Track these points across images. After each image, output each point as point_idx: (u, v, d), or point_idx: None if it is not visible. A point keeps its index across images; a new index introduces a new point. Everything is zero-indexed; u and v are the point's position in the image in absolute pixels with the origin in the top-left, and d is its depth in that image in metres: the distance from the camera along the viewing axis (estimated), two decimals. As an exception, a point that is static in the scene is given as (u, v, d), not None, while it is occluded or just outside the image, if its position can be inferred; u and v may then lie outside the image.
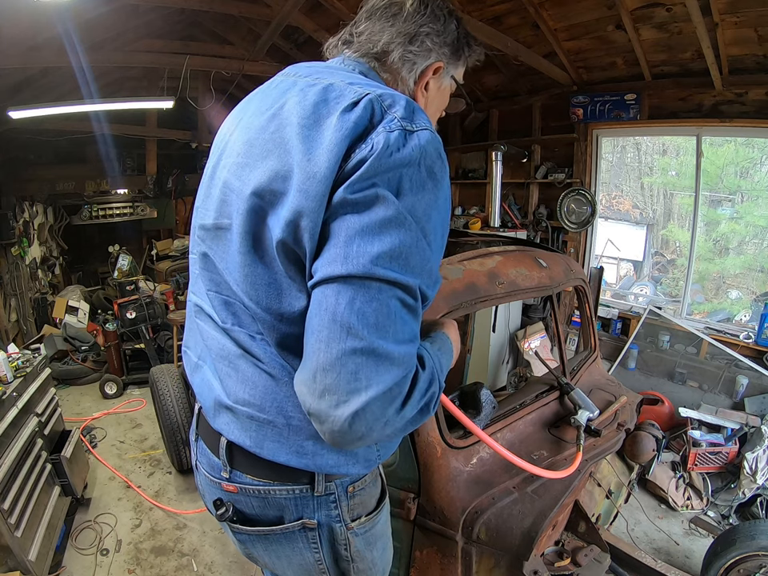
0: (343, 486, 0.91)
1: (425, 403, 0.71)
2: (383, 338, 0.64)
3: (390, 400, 0.65)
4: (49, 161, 6.23)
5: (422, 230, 0.68)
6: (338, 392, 0.63)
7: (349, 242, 0.65)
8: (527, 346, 4.03)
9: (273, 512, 0.91)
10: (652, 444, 2.14)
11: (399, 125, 0.67)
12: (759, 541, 1.92)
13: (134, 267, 6.25)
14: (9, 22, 3.11)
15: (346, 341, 0.63)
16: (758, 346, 3.37)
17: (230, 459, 0.90)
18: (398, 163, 0.66)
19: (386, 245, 0.64)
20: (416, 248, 0.67)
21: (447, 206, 0.73)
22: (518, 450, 1.45)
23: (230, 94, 5.46)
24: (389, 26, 0.84)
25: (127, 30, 4.35)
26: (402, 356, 0.65)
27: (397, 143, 0.66)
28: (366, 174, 0.65)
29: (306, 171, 0.68)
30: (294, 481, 0.88)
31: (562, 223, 4.48)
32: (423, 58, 0.86)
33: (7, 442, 2.09)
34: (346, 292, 0.64)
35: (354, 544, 0.95)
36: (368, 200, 0.65)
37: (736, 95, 3.36)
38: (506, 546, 1.26)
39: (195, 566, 2.41)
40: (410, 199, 0.67)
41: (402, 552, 1.39)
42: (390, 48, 0.84)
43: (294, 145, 0.70)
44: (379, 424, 0.65)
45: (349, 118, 0.68)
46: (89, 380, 4.68)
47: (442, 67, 0.88)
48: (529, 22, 3.62)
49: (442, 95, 0.94)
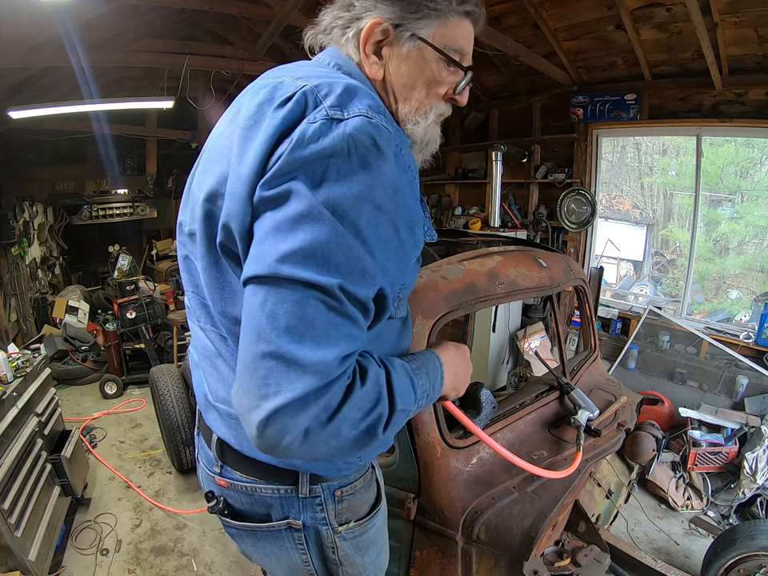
0: (330, 489, 0.90)
1: (369, 425, 0.65)
2: (295, 342, 0.59)
3: (303, 410, 0.59)
4: (49, 161, 6.24)
5: (351, 224, 0.61)
6: (251, 396, 0.61)
7: (262, 241, 0.62)
8: (527, 346, 4.03)
9: (260, 509, 0.91)
10: (652, 444, 2.13)
11: (325, 114, 0.63)
12: (759, 541, 1.92)
13: (134, 267, 6.25)
14: (9, 22, 3.10)
15: (257, 344, 0.61)
16: (757, 345, 3.37)
17: (221, 455, 0.91)
18: (319, 155, 0.61)
19: (298, 242, 0.60)
20: (337, 245, 0.61)
21: (393, 199, 0.65)
22: (518, 450, 1.45)
23: (230, 94, 5.46)
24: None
25: (127, 29, 4.35)
26: (317, 363, 0.60)
27: (316, 134, 0.61)
28: (282, 170, 0.62)
29: (235, 173, 0.66)
30: (279, 481, 0.88)
31: (562, 223, 4.48)
32: (357, 17, 0.77)
33: (7, 442, 2.09)
34: (258, 293, 0.62)
35: (342, 548, 0.94)
36: (281, 196, 0.61)
37: (736, 95, 3.36)
38: (506, 546, 1.26)
39: (195, 566, 2.41)
40: (332, 192, 0.61)
41: (402, 552, 1.39)
42: (332, 26, 0.80)
43: (234, 147, 0.68)
44: (294, 435, 0.60)
45: (278, 114, 0.65)
46: (89, 380, 4.68)
47: (382, 23, 0.75)
48: (529, 22, 3.62)
49: (416, 64, 0.78)
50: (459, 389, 0.97)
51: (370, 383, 0.66)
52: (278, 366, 0.59)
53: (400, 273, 0.72)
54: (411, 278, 0.82)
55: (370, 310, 0.67)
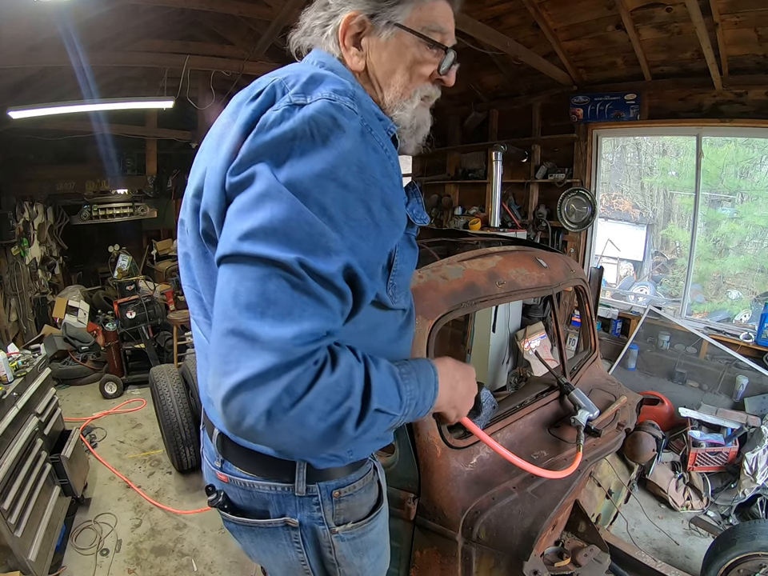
0: (328, 489, 0.90)
1: (339, 419, 0.63)
2: (256, 319, 0.59)
3: (262, 389, 0.58)
4: (49, 161, 6.24)
5: (315, 202, 0.62)
6: (215, 374, 0.62)
7: (228, 223, 0.64)
8: (527, 346, 4.03)
9: (258, 506, 0.92)
10: (652, 444, 2.13)
11: (288, 101, 0.66)
12: (759, 541, 1.92)
13: (134, 267, 6.25)
14: (9, 22, 3.11)
15: (222, 322, 0.62)
16: (758, 345, 3.37)
17: (222, 449, 0.92)
18: (281, 138, 0.63)
19: (258, 220, 0.61)
20: (297, 221, 0.61)
21: (360, 177, 0.65)
22: (518, 450, 1.45)
23: (230, 94, 5.45)
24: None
25: (127, 29, 4.35)
26: (275, 340, 0.59)
27: (278, 119, 0.64)
28: (247, 156, 0.64)
29: (212, 166, 0.70)
30: (276, 478, 0.88)
31: (562, 223, 4.48)
32: (333, 14, 0.79)
33: (7, 442, 2.09)
34: (224, 273, 0.64)
35: (340, 548, 0.94)
36: (247, 179, 0.64)
37: (736, 95, 3.36)
38: (506, 546, 1.26)
39: (195, 566, 2.41)
40: (293, 171, 0.62)
41: (402, 552, 1.39)
42: (313, 26, 0.82)
43: (213, 143, 0.73)
44: (255, 416, 0.59)
45: (249, 107, 0.68)
46: (89, 380, 4.68)
47: (357, 15, 0.77)
48: (529, 22, 3.62)
49: (397, 51, 0.79)
50: (459, 408, 0.93)
51: (340, 373, 0.64)
52: (238, 343, 0.60)
53: (378, 252, 0.71)
54: (404, 264, 0.81)
55: (341, 290, 0.65)
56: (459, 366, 0.93)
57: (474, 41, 3.83)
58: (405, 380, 0.76)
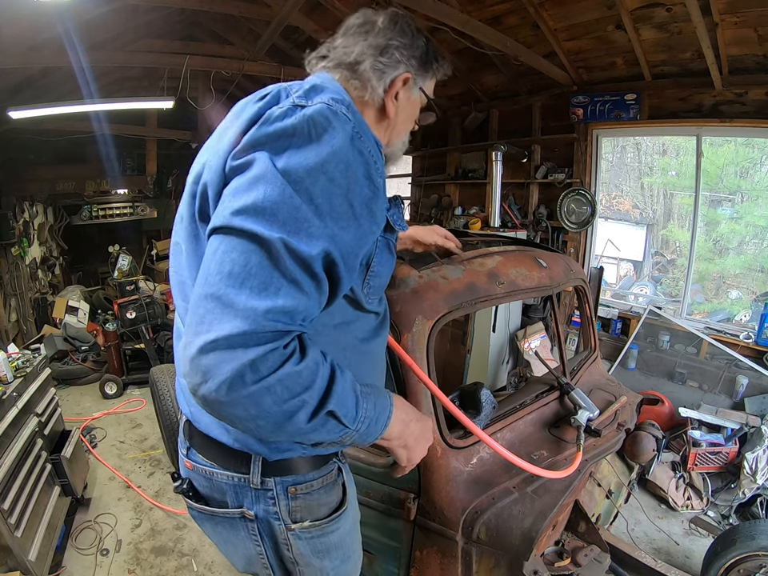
0: (283, 485, 0.91)
1: (293, 408, 0.67)
2: (234, 287, 0.64)
3: (229, 354, 0.62)
4: (49, 161, 6.23)
5: (305, 191, 0.69)
6: (188, 334, 0.66)
7: (224, 200, 0.71)
8: (527, 346, 4.03)
9: (218, 495, 0.95)
10: (652, 444, 2.14)
11: (290, 102, 0.74)
12: (759, 541, 1.92)
13: (134, 267, 6.24)
14: (9, 22, 3.11)
15: (203, 287, 0.67)
16: (758, 345, 3.37)
17: (189, 437, 0.97)
18: (282, 132, 0.71)
19: (250, 199, 0.67)
20: (285, 204, 0.67)
21: (346, 174, 0.72)
22: (518, 450, 1.45)
23: (230, 94, 5.46)
24: (362, 39, 0.90)
25: (127, 30, 4.35)
26: (248, 308, 0.64)
27: (281, 115, 0.72)
28: (249, 143, 0.72)
29: (215, 152, 0.77)
30: (234, 468, 0.91)
31: (562, 223, 4.47)
32: (392, 68, 0.90)
33: (7, 442, 2.08)
34: (213, 242, 0.69)
35: (297, 547, 0.95)
36: (246, 163, 0.71)
37: (736, 95, 3.36)
38: (506, 545, 1.26)
39: (195, 566, 2.41)
40: (289, 161, 0.69)
41: (402, 552, 1.39)
42: (362, 58, 0.89)
43: (215, 138, 0.82)
44: (217, 382, 0.62)
45: (255, 105, 0.77)
46: (89, 380, 4.68)
47: (410, 78, 0.93)
48: (529, 22, 3.62)
49: (413, 106, 0.99)
50: (411, 449, 0.93)
51: (305, 366, 0.68)
52: (215, 307, 0.64)
53: (356, 245, 0.76)
54: (380, 267, 0.89)
55: (318, 276, 0.70)
56: (415, 410, 0.96)
57: (474, 41, 3.83)
58: (364, 397, 0.79)
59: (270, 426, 0.68)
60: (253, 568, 1.02)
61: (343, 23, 0.96)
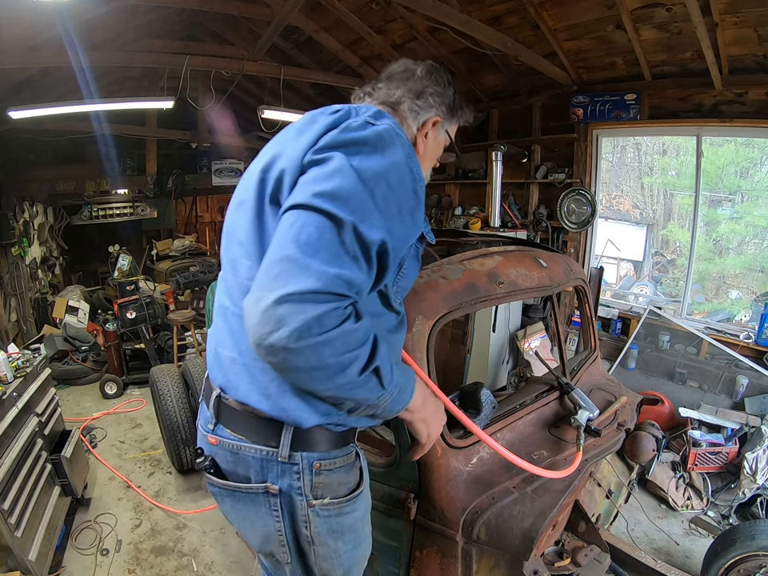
0: (309, 460, 0.96)
1: (349, 360, 0.78)
2: (308, 255, 0.76)
3: (302, 307, 0.73)
4: (49, 161, 6.23)
5: (369, 190, 0.82)
6: (262, 290, 0.76)
7: (305, 184, 0.83)
8: (527, 346, 4.03)
9: (242, 470, 0.99)
10: (652, 444, 2.14)
11: (364, 119, 0.90)
12: (759, 541, 1.92)
13: (134, 267, 6.25)
14: (9, 22, 3.11)
15: (278, 251, 0.78)
16: (758, 346, 3.37)
17: (216, 412, 1.02)
18: (357, 140, 0.85)
19: (329, 186, 0.80)
20: (355, 194, 0.81)
21: (406, 182, 0.88)
22: (518, 450, 1.45)
23: (230, 94, 5.46)
24: (402, 84, 1.09)
25: (127, 30, 4.35)
26: (321, 271, 0.75)
27: (358, 127, 0.87)
28: (329, 144, 0.86)
29: (291, 146, 0.90)
30: (263, 442, 0.96)
31: (562, 223, 4.47)
32: (426, 111, 1.08)
33: (7, 442, 2.09)
34: (291, 216, 0.81)
35: (315, 524, 0.99)
36: (325, 158, 0.84)
37: (736, 95, 3.36)
38: (506, 545, 1.26)
39: (195, 566, 2.41)
40: (361, 163, 0.83)
41: (402, 552, 1.39)
42: (402, 100, 1.07)
43: (290, 136, 0.94)
44: (288, 330, 0.72)
45: (329, 117, 0.92)
46: (89, 380, 4.68)
47: (440, 121, 1.11)
48: (529, 22, 3.61)
49: (438, 145, 1.15)
50: (430, 424, 1.03)
51: (360, 327, 0.80)
52: (291, 267, 0.75)
53: (401, 242, 0.91)
54: (409, 270, 1.01)
55: (372, 259, 0.83)
56: (429, 389, 1.07)
57: (474, 41, 3.84)
58: (395, 366, 0.90)
59: (324, 377, 0.78)
60: (269, 546, 1.04)
61: (386, 69, 1.15)
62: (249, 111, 6.40)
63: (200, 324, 4.86)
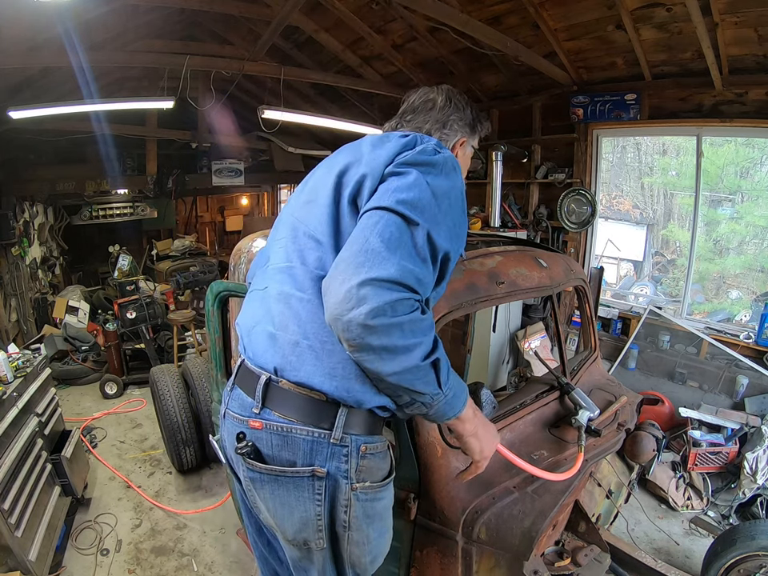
0: (357, 443, 1.02)
1: (413, 343, 0.88)
2: (390, 250, 0.88)
3: (382, 292, 0.85)
4: (49, 161, 6.23)
5: (438, 204, 0.97)
6: (346, 274, 0.88)
7: (388, 191, 0.97)
8: (527, 346, 4.03)
9: (287, 454, 1.01)
10: (652, 444, 2.14)
11: (433, 146, 1.06)
12: (759, 541, 1.92)
13: (134, 267, 6.25)
14: (9, 22, 3.10)
15: (362, 244, 0.90)
16: (758, 345, 3.37)
17: (264, 396, 1.04)
18: (429, 162, 1.01)
19: (410, 196, 0.94)
20: (429, 206, 0.95)
21: (460, 202, 1.04)
22: (518, 450, 1.45)
23: (230, 94, 5.46)
24: (428, 117, 1.24)
25: (127, 30, 4.35)
26: (401, 266, 0.88)
27: (430, 152, 1.03)
28: (408, 161, 1.01)
29: (372, 157, 1.05)
30: (316, 424, 1.00)
31: (562, 223, 4.47)
32: (453, 136, 1.26)
33: (7, 442, 2.09)
34: (374, 216, 0.93)
35: (355, 508, 1.03)
36: (404, 172, 0.99)
37: (736, 95, 3.36)
38: (506, 545, 1.26)
39: (195, 566, 2.41)
40: (432, 181, 0.98)
41: (402, 552, 1.39)
42: (432, 131, 1.23)
43: (365, 150, 1.09)
44: (368, 308, 0.84)
45: (401, 140, 1.08)
46: (89, 380, 4.68)
47: (465, 141, 1.29)
48: (529, 22, 3.61)
49: (466, 159, 1.34)
50: (480, 438, 1.06)
51: (426, 319, 0.91)
52: (375, 257, 0.88)
53: (455, 254, 1.03)
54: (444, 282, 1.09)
55: (437, 263, 0.97)
56: (480, 413, 1.12)
57: (474, 41, 3.83)
58: (450, 370, 0.97)
59: (391, 358, 0.88)
60: (304, 533, 1.05)
61: (407, 100, 1.30)
62: (249, 111, 6.41)
63: (200, 324, 4.86)
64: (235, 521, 2.57)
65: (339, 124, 5.23)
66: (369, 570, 1.13)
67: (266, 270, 1.17)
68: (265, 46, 4.26)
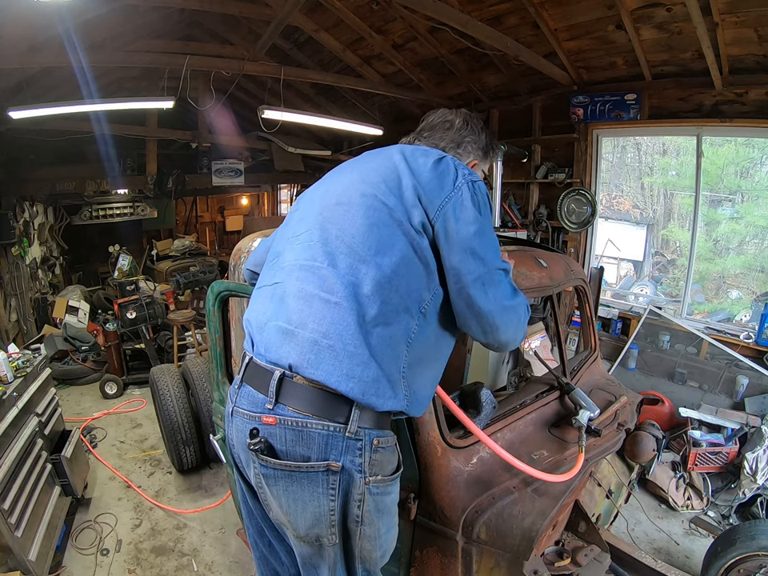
0: (370, 436, 1.02)
1: (522, 335, 1.17)
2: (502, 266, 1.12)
3: (527, 308, 1.15)
4: (49, 161, 6.22)
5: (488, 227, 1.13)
6: (499, 295, 1.09)
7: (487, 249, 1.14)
8: (527, 346, 4.03)
9: (301, 449, 1.01)
10: (652, 444, 2.14)
11: (469, 178, 1.12)
12: (759, 541, 1.92)
13: (134, 267, 6.26)
14: (9, 22, 3.10)
15: (491, 265, 1.11)
16: (758, 345, 3.37)
17: (278, 392, 1.03)
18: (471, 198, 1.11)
19: (496, 255, 1.13)
20: (489, 233, 1.11)
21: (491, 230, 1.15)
22: (519, 450, 1.45)
23: (230, 94, 5.46)
24: (445, 135, 1.30)
25: (127, 30, 4.35)
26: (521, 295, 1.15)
27: (469, 190, 1.10)
28: (477, 202, 1.11)
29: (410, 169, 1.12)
30: (331, 418, 1.00)
31: (562, 223, 4.48)
32: (466, 157, 1.31)
33: (7, 442, 2.09)
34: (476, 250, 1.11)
35: (368, 502, 1.04)
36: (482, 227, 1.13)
37: (736, 95, 3.36)
38: (506, 545, 1.26)
39: (195, 566, 2.41)
40: (483, 209, 1.12)
41: (402, 551, 1.39)
42: (446, 149, 1.28)
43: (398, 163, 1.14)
44: (515, 301, 1.11)
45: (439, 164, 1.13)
46: (89, 380, 4.68)
47: (477, 164, 1.34)
48: (529, 22, 3.61)
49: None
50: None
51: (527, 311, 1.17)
52: (503, 276, 1.12)
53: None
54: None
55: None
56: None
57: (475, 41, 3.84)
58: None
59: (514, 326, 1.11)
60: (316, 529, 1.05)
61: (426, 119, 1.35)
62: (249, 111, 6.41)
63: (200, 324, 4.86)
64: (235, 521, 2.57)
65: (339, 124, 5.24)
66: (378, 564, 1.14)
67: (278, 266, 1.16)
68: (265, 46, 4.27)
